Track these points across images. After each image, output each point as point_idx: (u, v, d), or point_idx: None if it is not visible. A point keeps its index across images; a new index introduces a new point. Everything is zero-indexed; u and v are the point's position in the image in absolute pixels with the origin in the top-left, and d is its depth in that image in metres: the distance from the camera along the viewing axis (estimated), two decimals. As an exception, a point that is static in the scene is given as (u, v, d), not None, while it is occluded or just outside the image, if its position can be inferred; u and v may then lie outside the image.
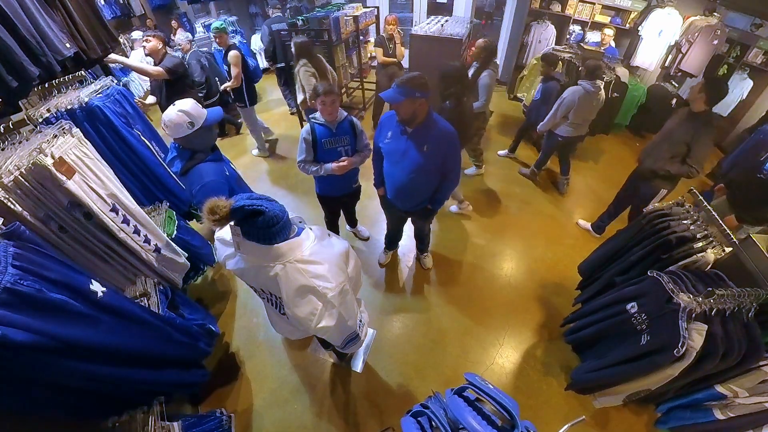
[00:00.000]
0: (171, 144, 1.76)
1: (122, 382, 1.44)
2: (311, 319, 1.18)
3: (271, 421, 2.04)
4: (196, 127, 1.62)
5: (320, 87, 2.09)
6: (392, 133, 2.00)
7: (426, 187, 2.14)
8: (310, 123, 2.20)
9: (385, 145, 2.05)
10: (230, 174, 1.83)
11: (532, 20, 5.60)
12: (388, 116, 2.03)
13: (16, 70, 1.63)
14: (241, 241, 1.12)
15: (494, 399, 0.94)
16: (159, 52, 2.95)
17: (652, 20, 4.72)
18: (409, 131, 1.93)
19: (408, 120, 1.87)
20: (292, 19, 4.44)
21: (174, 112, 1.59)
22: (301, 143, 2.21)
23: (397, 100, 1.78)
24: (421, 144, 1.92)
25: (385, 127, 2.05)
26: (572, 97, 3.14)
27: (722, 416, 1.60)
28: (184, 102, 1.63)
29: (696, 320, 1.43)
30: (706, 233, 1.77)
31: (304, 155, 2.22)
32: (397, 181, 2.13)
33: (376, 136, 2.11)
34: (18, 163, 1.37)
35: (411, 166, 1.98)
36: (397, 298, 2.73)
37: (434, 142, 1.91)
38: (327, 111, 2.12)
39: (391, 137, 2.01)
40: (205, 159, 1.73)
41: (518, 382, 2.21)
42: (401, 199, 2.23)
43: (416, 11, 6.32)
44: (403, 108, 1.82)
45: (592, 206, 3.72)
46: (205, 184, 1.65)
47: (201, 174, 1.68)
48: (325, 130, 2.18)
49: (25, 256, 1.09)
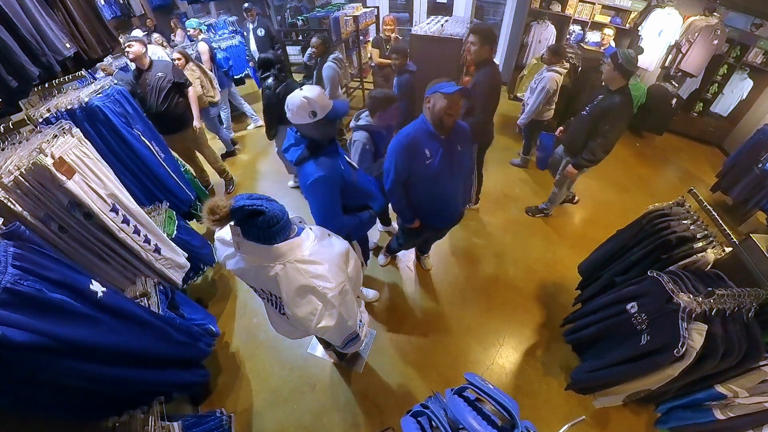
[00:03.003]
0: (289, 129, 1.63)
1: (122, 382, 1.44)
2: (311, 319, 1.18)
3: (271, 421, 2.04)
4: (318, 117, 1.47)
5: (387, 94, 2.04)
6: (431, 151, 1.75)
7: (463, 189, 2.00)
8: (366, 130, 2.09)
9: (428, 168, 1.77)
10: (345, 169, 1.68)
11: (532, 20, 5.60)
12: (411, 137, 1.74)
13: (16, 70, 1.63)
14: (241, 241, 1.12)
15: (494, 399, 0.94)
16: (143, 56, 2.85)
17: (652, 20, 4.73)
18: (443, 140, 1.75)
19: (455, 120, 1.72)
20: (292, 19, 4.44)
21: (299, 98, 1.45)
22: (363, 153, 2.09)
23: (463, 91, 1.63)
24: (456, 146, 1.80)
25: (416, 149, 1.75)
26: (551, 84, 3.35)
27: (722, 416, 1.60)
28: (311, 89, 1.48)
29: (696, 320, 1.43)
30: (706, 233, 1.77)
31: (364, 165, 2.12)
32: (448, 199, 1.91)
33: (402, 164, 1.78)
34: (18, 163, 1.37)
35: (459, 172, 1.85)
36: (397, 298, 2.72)
37: (462, 137, 1.82)
38: (395, 116, 2.06)
39: (432, 156, 1.75)
40: (322, 152, 1.59)
41: (518, 382, 2.21)
42: (449, 215, 2.05)
43: (416, 11, 6.32)
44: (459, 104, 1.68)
45: (592, 206, 3.72)
46: (317, 179, 1.54)
47: (315, 167, 1.55)
48: (381, 135, 2.11)
49: (25, 256, 1.09)
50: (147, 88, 2.86)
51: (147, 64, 2.88)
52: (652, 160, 4.69)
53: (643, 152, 4.82)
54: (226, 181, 3.87)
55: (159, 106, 2.88)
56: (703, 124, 5.12)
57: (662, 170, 4.56)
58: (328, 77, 3.59)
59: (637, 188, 4.01)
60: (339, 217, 1.64)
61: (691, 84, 5.12)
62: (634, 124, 4.97)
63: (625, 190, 3.96)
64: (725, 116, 4.97)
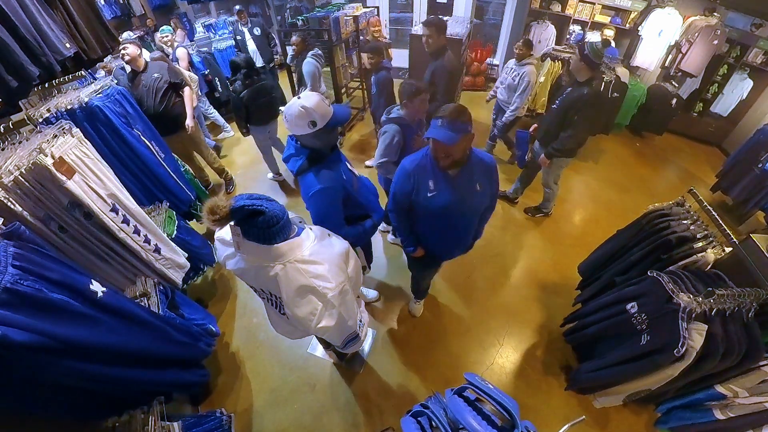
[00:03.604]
0: (288, 138, 1.56)
1: (122, 382, 1.44)
2: (311, 319, 1.18)
3: (271, 421, 2.04)
4: (318, 127, 1.40)
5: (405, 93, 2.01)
6: (435, 183, 1.58)
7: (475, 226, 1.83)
8: (398, 123, 2.09)
9: (430, 201, 1.61)
10: (347, 178, 1.62)
11: (532, 20, 5.60)
12: (416, 164, 1.60)
13: (16, 70, 1.63)
14: (241, 241, 1.12)
15: (494, 399, 0.94)
16: (138, 58, 2.85)
17: (652, 20, 4.72)
18: (454, 175, 1.57)
19: (458, 161, 1.51)
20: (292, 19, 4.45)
21: (296, 108, 1.37)
22: (390, 145, 2.08)
23: (452, 140, 1.39)
24: (472, 184, 1.59)
25: (419, 178, 1.60)
26: (531, 77, 3.44)
27: (722, 416, 1.60)
28: (308, 96, 1.40)
29: (696, 320, 1.43)
30: (706, 233, 1.77)
31: (388, 158, 2.12)
32: (451, 236, 1.78)
33: (402, 190, 1.66)
34: (18, 163, 1.37)
35: (471, 212, 1.67)
36: (397, 298, 2.72)
37: (483, 174, 1.61)
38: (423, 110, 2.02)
39: (435, 189, 1.58)
40: (323, 161, 1.53)
41: (518, 382, 2.21)
42: (454, 250, 1.94)
43: (416, 11, 6.32)
44: (458, 148, 1.45)
45: (592, 206, 3.72)
46: (318, 191, 1.50)
47: (316, 179, 1.50)
48: (412, 129, 2.09)
49: (25, 256, 1.09)
50: (143, 89, 2.85)
51: (142, 65, 2.88)
52: (652, 160, 4.69)
53: (643, 152, 4.83)
54: (226, 181, 3.87)
55: (156, 107, 2.88)
56: (703, 124, 5.12)
57: (662, 170, 4.56)
58: (308, 73, 3.62)
59: (637, 188, 4.01)
60: (342, 228, 1.62)
61: (691, 84, 5.12)
62: (634, 124, 4.97)
63: (625, 190, 3.96)
64: (725, 116, 4.97)
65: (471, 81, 6.14)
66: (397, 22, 6.82)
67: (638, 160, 4.62)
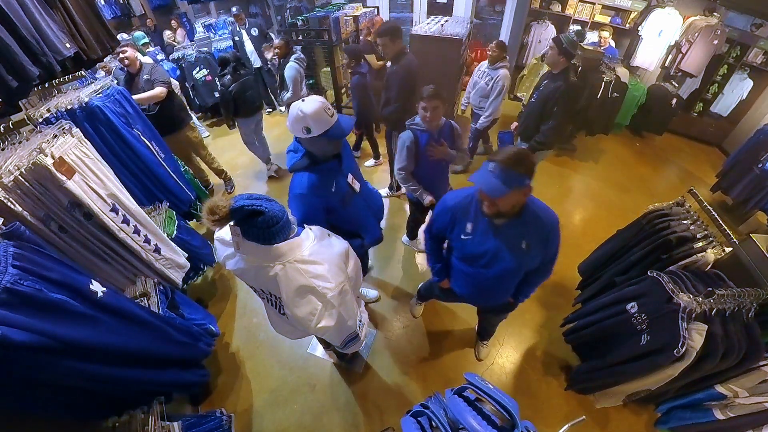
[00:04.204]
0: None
1: (122, 382, 1.44)
2: (311, 319, 1.18)
3: (271, 421, 2.04)
4: (312, 134, 1.38)
5: (426, 90, 1.96)
6: (473, 227, 1.41)
7: (514, 284, 1.60)
8: (411, 130, 2.07)
9: (463, 243, 1.47)
10: (337, 191, 1.56)
11: (532, 20, 5.61)
12: (457, 202, 1.45)
13: (16, 70, 1.63)
14: (240, 241, 1.12)
15: (494, 399, 0.94)
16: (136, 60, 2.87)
17: (652, 20, 4.72)
18: (499, 224, 1.36)
19: (504, 213, 1.31)
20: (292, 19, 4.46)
21: (296, 110, 1.37)
22: (402, 151, 2.07)
23: (499, 192, 1.18)
24: (518, 240, 1.37)
25: (458, 216, 1.45)
26: (505, 82, 3.35)
27: (722, 416, 1.60)
28: (311, 102, 1.37)
29: (696, 320, 1.43)
30: (706, 233, 1.77)
31: (404, 163, 2.11)
32: (479, 284, 1.58)
33: (439, 223, 1.54)
34: (18, 163, 1.37)
35: (504, 270, 1.44)
36: (397, 298, 2.72)
37: (536, 234, 1.36)
38: (432, 116, 1.96)
39: (472, 233, 1.42)
40: (317, 167, 1.49)
41: (518, 382, 2.21)
42: (480, 299, 1.78)
43: (416, 11, 6.32)
44: (507, 202, 1.25)
45: (592, 205, 3.72)
46: (298, 195, 1.48)
47: (299, 183, 1.49)
48: (428, 137, 2.06)
49: (25, 256, 1.09)
50: (141, 90, 2.85)
51: (138, 67, 2.90)
52: (652, 160, 4.69)
53: (643, 152, 4.83)
54: (226, 181, 3.87)
55: (151, 107, 2.88)
56: (703, 124, 5.12)
57: (662, 170, 4.56)
58: (290, 77, 3.61)
59: (637, 188, 4.01)
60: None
61: (691, 84, 5.13)
62: (634, 124, 4.98)
63: (625, 190, 3.96)
64: (725, 116, 4.97)
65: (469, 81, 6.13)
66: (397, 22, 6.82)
67: (638, 160, 4.62)
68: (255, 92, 3.50)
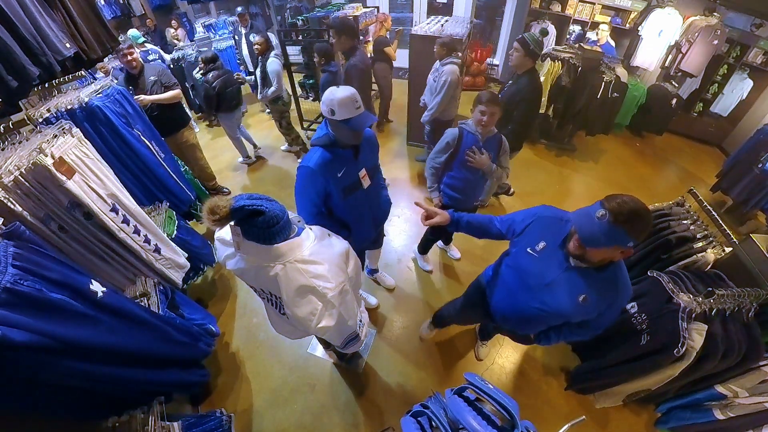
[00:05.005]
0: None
1: (122, 382, 1.44)
2: (311, 319, 1.18)
3: (271, 421, 2.04)
4: (335, 117, 1.47)
5: (485, 95, 1.92)
6: (547, 247, 1.27)
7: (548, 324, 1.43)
8: (459, 128, 2.05)
9: (523, 256, 1.32)
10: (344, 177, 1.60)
11: (532, 20, 5.60)
12: (551, 220, 1.31)
13: (16, 70, 1.63)
14: (241, 241, 1.12)
15: (494, 399, 0.94)
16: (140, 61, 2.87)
17: (652, 20, 4.72)
18: (572, 264, 1.21)
19: (587, 261, 1.16)
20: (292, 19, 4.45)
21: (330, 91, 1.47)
22: (442, 142, 2.07)
23: (598, 245, 1.07)
24: (579, 289, 1.21)
25: (536, 230, 1.32)
26: (452, 76, 3.08)
27: (722, 416, 1.60)
28: (345, 89, 1.47)
29: (696, 320, 1.43)
30: (706, 233, 1.77)
31: (438, 155, 2.12)
32: (516, 307, 1.42)
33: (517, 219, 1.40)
34: (18, 163, 1.37)
35: (549, 306, 1.28)
36: (397, 298, 2.72)
37: (602, 297, 1.21)
38: (488, 122, 1.90)
39: (539, 253, 1.28)
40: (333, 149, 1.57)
41: (518, 382, 2.21)
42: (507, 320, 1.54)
43: (416, 11, 6.32)
44: (597, 255, 1.12)
45: (592, 206, 3.71)
46: (303, 167, 1.56)
47: (311, 156, 1.57)
48: (474, 139, 2.00)
49: (25, 256, 1.09)
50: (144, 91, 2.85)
51: (139, 68, 2.89)
52: (652, 160, 4.69)
53: (643, 152, 4.83)
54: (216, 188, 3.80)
55: (152, 109, 2.87)
56: (703, 124, 5.12)
57: (662, 170, 4.56)
58: (274, 71, 3.60)
59: (637, 188, 4.01)
60: (306, 212, 1.66)
61: (691, 84, 5.12)
62: (634, 124, 4.97)
63: (625, 190, 3.84)
64: (725, 116, 4.97)
65: (471, 81, 6.14)
66: (397, 22, 6.82)
67: (638, 160, 4.62)
68: (237, 87, 3.71)
